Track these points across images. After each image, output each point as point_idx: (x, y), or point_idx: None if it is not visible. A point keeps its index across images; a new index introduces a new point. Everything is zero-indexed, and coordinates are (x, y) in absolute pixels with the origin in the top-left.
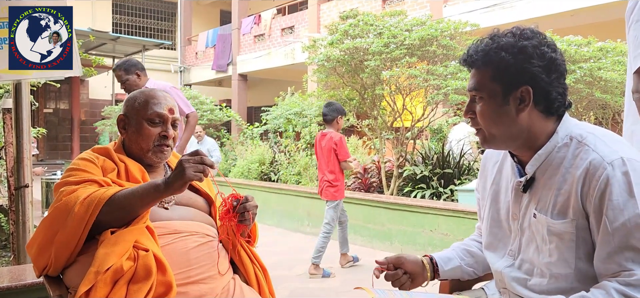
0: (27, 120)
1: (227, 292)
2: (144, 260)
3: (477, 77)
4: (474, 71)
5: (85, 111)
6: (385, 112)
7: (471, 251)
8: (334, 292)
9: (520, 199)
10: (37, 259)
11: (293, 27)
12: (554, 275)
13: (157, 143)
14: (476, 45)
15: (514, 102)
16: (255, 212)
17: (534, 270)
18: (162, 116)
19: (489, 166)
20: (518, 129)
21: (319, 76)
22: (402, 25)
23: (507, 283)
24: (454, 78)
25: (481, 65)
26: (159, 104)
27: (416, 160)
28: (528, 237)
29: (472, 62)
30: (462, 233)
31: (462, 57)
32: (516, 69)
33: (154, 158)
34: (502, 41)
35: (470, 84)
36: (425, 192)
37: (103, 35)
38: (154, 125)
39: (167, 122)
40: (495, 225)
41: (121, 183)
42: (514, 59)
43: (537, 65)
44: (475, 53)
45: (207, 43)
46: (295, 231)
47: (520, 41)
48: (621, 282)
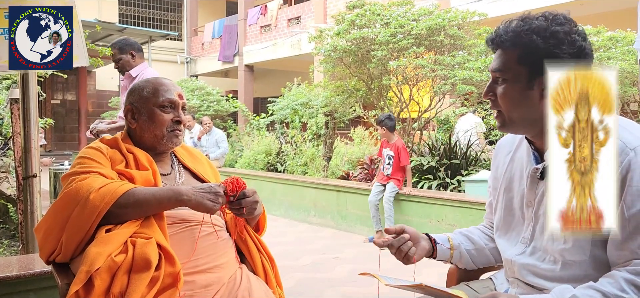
0: (35, 111)
1: (234, 282)
2: (143, 248)
3: (503, 57)
4: (500, 52)
5: (93, 102)
6: (392, 103)
7: (471, 237)
8: (341, 282)
9: (536, 186)
10: (44, 243)
11: (299, 18)
12: (567, 262)
13: (171, 128)
14: (506, 25)
15: (539, 87)
16: (253, 207)
17: (547, 257)
18: (174, 102)
19: (501, 156)
20: (539, 114)
21: (325, 67)
22: (410, 14)
23: (516, 271)
24: (462, 68)
25: (509, 45)
26: (169, 91)
27: (423, 151)
28: (542, 224)
29: (501, 42)
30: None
31: (489, 37)
32: (545, 54)
33: (168, 144)
34: (533, 24)
35: (495, 65)
36: (432, 183)
37: (110, 26)
38: (167, 112)
39: (178, 107)
40: (509, 213)
41: (130, 174)
42: (544, 43)
43: (567, 51)
44: (505, 33)
45: (214, 34)
46: (302, 221)
47: (552, 26)
48: (631, 271)
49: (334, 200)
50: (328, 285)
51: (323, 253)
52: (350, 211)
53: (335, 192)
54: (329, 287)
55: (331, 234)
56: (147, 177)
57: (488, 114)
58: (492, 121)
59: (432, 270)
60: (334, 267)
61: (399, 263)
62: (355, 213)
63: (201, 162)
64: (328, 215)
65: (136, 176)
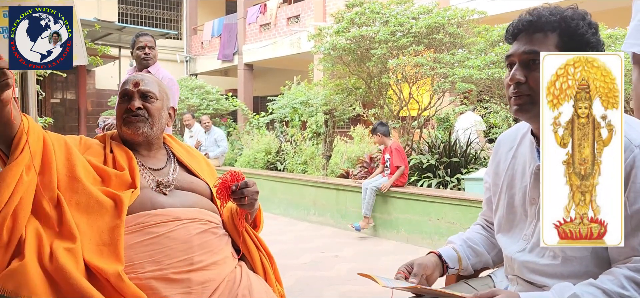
0: (34, 110)
1: (234, 279)
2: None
3: (541, 39)
4: (534, 36)
5: (92, 101)
6: (391, 101)
7: (476, 250)
8: (341, 280)
9: (539, 184)
10: None
11: (299, 16)
12: (567, 258)
13: (124, 116)
14: (549, 9)
15: None
16: (253, 198)
17: (546, 253)
18: (128, 91)
19: (502, 152)
20: None
21: (325, 65)
22: (409, 13)
23: (516, 268)
24: (461, 66)
25: (551, 28)
26: (128, 82)
27: (423, 149)
28: None
29: (543, 23)
30: (468, 222)
31: (526, 19)
32: (586, 41)
33: (127, 131)
34: (567, 13)
35: (529, 47)
36: (431, 181)
37: (109, 25)
38: (123, 102)
39: (133, 96)
40: (510, 210)
41: (103, 171)
42: (586, 29)
43: (597, 41)
44: (551, 14)
45: (213, 33)
46: (301, 220)
47: (586, 15)
48: (632, 268)
49: (334, 199)
50: (327, 284)
51: (322, 251)
52: (350, 209)
53: (335, 190)
54: (328, 286)
55: (331, 232)
56: (124, 177)
57: (487, 112)
58: (491, 119)
59: None
60: (334, 266)
61: (397, 263)
62: (354, 211)
63: (198, 159)
64: (327, 214)
65: (111, 175)
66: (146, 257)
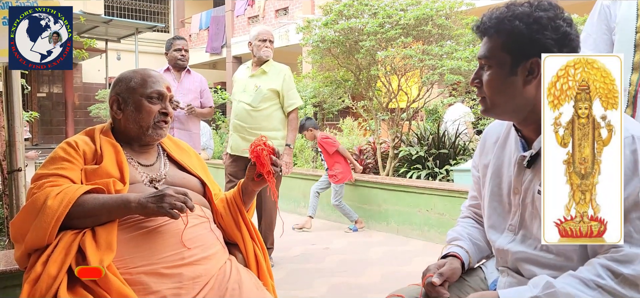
0: (18, 104)
1: (224, 274)
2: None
3: (488, 44)
4: (486, 39)
5: (79, 95)
6: (380, 93)
7: (480, 246)
8: (331, 272)
9: (522, 174)
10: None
11: (287, 8)
12: (561, 252)
13: (157, 120)
14: (490, 13)
15: (522, 74)
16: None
17: (538, 244)
18: (162, 94)
19: (490, 142)
20: (523, 101)
21: (313, 57)
22: (397, 4)
23: (510, 260)
24: (450, 58)
25: (493, 33)
26: (158, 82)
27: (412, 140)
28: (531, 213)
29: (485, 29)
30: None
31: (475, 24)
32: (528, 40)
33: (153, 135)
34: (517, 10)
35: (481, 52)
36: (420, 173)
37: (95, 18)
38: (154, 103)
39: (165, 99)
40: (496, 200)
41: (94, 170)
42: (527, 29)
43: (550, 37)
44: (489, 20)
45: (201, 25)
46: (291, 212)
47: (536, 11)
48: (608, 257)
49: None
50: (318, 275)
51: (313, 243)
52: None
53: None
54: (319, 277)
55: (321, 225)
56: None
57: (476, 104)
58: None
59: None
60: (324, 257)
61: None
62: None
63: (188, 154)
64: (317, 206)
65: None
66: (137, 252)
